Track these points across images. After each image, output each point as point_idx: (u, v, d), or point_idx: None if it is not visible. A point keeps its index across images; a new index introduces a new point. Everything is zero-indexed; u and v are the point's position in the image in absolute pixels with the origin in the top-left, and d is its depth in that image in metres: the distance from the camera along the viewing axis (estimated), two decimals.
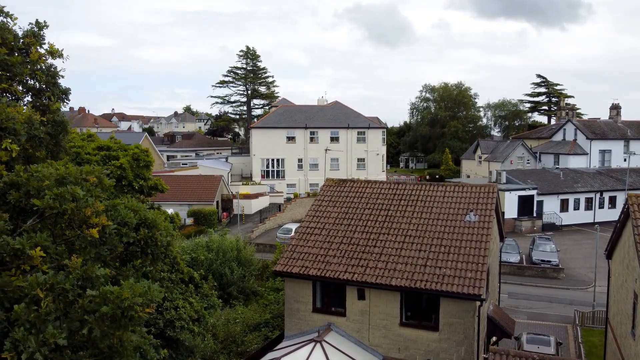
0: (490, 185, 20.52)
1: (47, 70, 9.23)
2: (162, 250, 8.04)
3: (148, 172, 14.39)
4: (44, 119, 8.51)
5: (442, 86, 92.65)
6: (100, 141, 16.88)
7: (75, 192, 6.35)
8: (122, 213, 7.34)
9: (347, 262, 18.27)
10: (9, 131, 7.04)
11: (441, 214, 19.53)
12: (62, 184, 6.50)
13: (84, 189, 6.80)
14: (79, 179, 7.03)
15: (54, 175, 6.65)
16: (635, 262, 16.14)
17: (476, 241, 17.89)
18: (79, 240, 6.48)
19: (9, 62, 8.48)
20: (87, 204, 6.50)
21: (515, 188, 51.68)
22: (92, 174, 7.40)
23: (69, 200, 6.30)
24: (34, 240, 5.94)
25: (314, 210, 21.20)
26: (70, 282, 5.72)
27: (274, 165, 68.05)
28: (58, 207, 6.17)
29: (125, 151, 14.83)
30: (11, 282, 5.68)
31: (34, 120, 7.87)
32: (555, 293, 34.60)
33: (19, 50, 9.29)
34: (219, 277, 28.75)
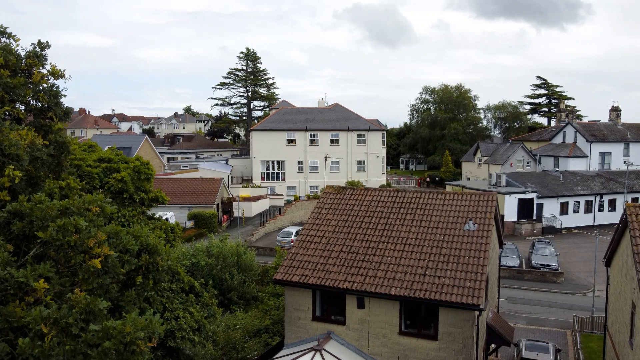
0: (490, 193, 20.60)
1: (49, 91, 9.32)
2: (163, 274, 8.13)
3: (149, 185, 14.46)
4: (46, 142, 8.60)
5: (442, 88, 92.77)
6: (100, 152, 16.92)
7: (78, 224, 6.45)
8: (124, 240, 7.43)
9: (347, 271, 18.34)
10: (12, 157, 7.13)
11: (440, 223, 19.61)
12: (65, 214, 6.59)
13: (87, 219, 6.90)
14: (82, 208, 7.13)
15: (57, 206, 6.75)
16: (633, 271, 16.23)
17: (475, 250, 17.97)
18: (82, 271, 6.58)
19: (11, 84, 8.57)
20: (90, 234, 6.59)
21: (515, 191, 51.78)
22: (94, 203, 7.49)
23: (72, 232, 6.39)
24: (37, 271, 6.03)
25: (313, 218, 21.29)
26: (74, 316, 5.81)
27: (274, 167, 68.15)
28: (61, 238, 6.27)
29: (126, 163, 14.90)
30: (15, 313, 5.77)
31: (37, 145, 7.96)
32: (554, 297, 34.68)
33: (21, 71, 9.38)
34: (220, 283, 28.82)
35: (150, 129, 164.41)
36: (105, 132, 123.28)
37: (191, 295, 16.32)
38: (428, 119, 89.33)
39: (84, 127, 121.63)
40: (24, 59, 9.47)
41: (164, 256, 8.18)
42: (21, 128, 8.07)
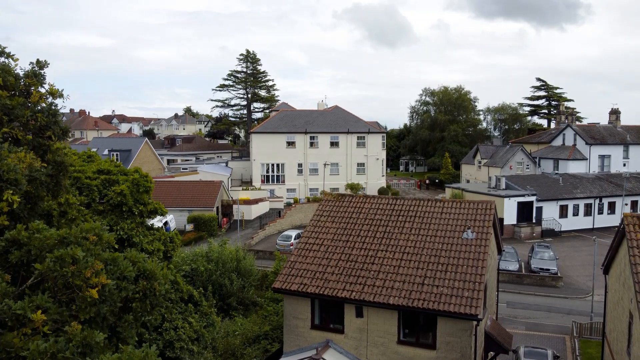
0: (488, 202, 20.66)
1: (47, 110, 9.38)
2: (160, 299, 8.19)
3: (148, 197, 14.53)
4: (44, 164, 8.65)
5: (441, 90, 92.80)
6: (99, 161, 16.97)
7: (76, 254, 6.50)
8: (122, 267, 7.48)
9: (346, 280, 18.41)
10: (11, 182, 7.18)
11: (439, 231, 19.67)
12: (63, 244, 6.64)
13: (84, 248, 6.95)
14: (79, 237, 7.18)
15: (55, 236, 6.80)
16: (630, 281, 16.27)
17: (473, 259, 18.03)
18: (79, 301, 6.63)
19: (9, 106, 8.61)
20: (87, 264, 6.65)
21: (514, 194, 51.80)
22: (92, 231, 7.55)
23: (69, 263, 6.44)
24: (35, 303, 6.08)
25: (312, 226, 21.35)
26: (71, 350, 5.87)
27: (274, 170, 68.21)
28: (59, 269, 6.32)
29: (125, 175, 14.96)
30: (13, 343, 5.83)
31: (35, 167, 8.01)
32: (553, 302, 34.71)
33: (20, 91, 9.43)
34: (219, 288, 28.88)
35: (150, 130, 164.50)
36: (105, 134, 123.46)
37: (190, 305, 16.36)
38: (428, 120, 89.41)
39: (84, 129, 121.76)
40: (22, 78, 9.53)
41: (161, 280, 8.23)
42: (19, 150, 8.13)
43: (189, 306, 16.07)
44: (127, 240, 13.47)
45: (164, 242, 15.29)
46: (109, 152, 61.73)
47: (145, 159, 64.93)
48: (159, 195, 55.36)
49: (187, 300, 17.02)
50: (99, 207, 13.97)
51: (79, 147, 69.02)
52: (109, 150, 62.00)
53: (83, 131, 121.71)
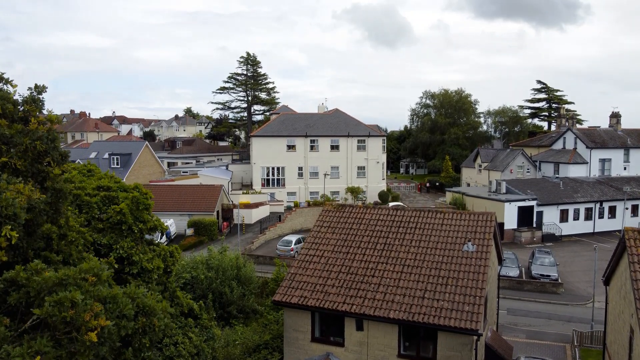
0: (489, 213, 20.62)
1: (46, 136, 9.35)
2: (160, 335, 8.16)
3: (147, 214, 14.51)
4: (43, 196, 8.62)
5: (442, 92, 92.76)
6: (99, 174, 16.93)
7: (74, 298, 6.48)
8: (121, 305, 7.44)
9: (346, 293, 18.38)
10: (9, 217, 7.17)
11: (439, 243, 19.64)
12: (61, 285, 6.62)
13: (83, 290, 6.93)
14: (78, 278, 7.16)
15: (54, 278, 6.78)
16: (631, 296, 16.24)
17: (474, 272, 18.00)
18: (78, 345, 6.61)
19: (8, 135, 8.59)
20: (86, 307, 6.63)
21: (515, 199, 51.78)
22: (91, 271, 7.52)
23: (68, 307, 6.42)
24: (33, 348, 6.06)
25: (313, 237, 21.32)
26: None
27: (274, 173, 68.20)
28: (57, 314, 6.30)
29: (125, 192, 14.92)
30: None
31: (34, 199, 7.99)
32: (554, 309, 34.67)
33: (19, 118, 9.41)
34: (219, 296, 28.85)
35: (150, 131, 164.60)
36: (105, 136, 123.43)
37: (190, 320, 16.33)
38: (428, 123, 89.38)
39: (85, 131, 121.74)
40: (21, 105, 9.51)
41: (160, 315, 8.20)
42: (18, 181, 8.10)
43: (189, 320, 16.04)
44: (127, 258, 13.46)
45: (163, 257, 15.27)
46: (110, 156, 61.73)
47: (145, 162, 64.92)
48: (160, 199, 55.31)
49: (187, 314, 16.99)
50: (98, 225, 13.98)
51: (80, 150, 69.02)
52: (109, 154, 61.99)
53: (83, 133, 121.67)
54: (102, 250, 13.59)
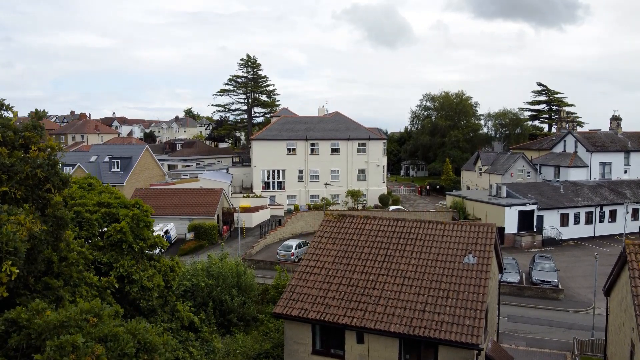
0: (489, 225, 20.61)
1: (47, 163, 9.33)
2: None
3: (148, 232, 14.51)
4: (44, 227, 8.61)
5: (442, 95, 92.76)
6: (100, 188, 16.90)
7: (76, 342, 6.47)
8: (122, 342, 7.41)
9: (346, 305, 18.36)
10: (10, 252, 7.15)
11: (440, 255, 19.62)
12: (63, 327, 6.61)
13: (84, 332, 6.92)
14: (79, 320, 7.15)
15: (54, 321, 6.77)
16: (632, 310, 16.23)
17: (475, 285, 17.98)
18: None
19: (8, 164, 8.58)
20: (87, 351, 6.62)
21: (515, 203, 51.75)
22: (92, 312, 7.51)
23: (70, 351, 6.42)
24: None
25: (313, 248, 21.31)
26: None
27: (274, 176, 68.21)
28: (59, 358, 6.29)
29: (125, 208, 14.90)
30: None
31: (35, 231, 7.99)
32: (554, 315, 34.64)
33: (19, 146, 9.40)
34: (220, 304, 28.84)
35: (151, 132, 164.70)
36: (105, 138, 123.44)
37: (191, 334, 16.33)
38: (429, 126, 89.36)
39: (85, 133, 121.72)
40: (21, 132, 9.49)
41: (162, 350, 8.18)
42: (19, 212, 8.09)
43: (190, 334, 16.04)
44: (127, 277, 13.44)
45: (164, 273, 15.26)
46: (110, 160, 61.72)
47: (145, 165, 64.93)
48: (160, 203, 55.37)
49: (188, 327, 17.00)
50: (99, 243, 13.97)
51: (80, 154, 69.00)
52: (109, 158, 61.98)
53: (83, 135, 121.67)
54: (103, 268, 13.60)
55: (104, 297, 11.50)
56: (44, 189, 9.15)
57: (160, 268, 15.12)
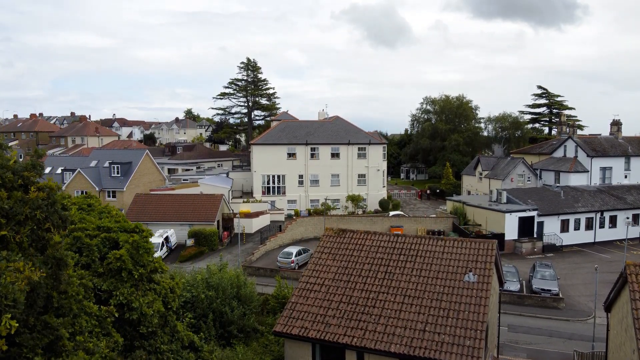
0: (490, 242, 20.58)
1: (46, 204, 9.29)
2: None
3: (148, 257, 14.48)
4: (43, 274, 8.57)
5: (442, 98, 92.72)
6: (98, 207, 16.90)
7: None
8: None
9: (347, 324, 18.34)
10: (9, 305, 7.12)
11: (440, 272, 19.60)
12: None
13: None
14: None
15: None
16: (632, 331, 16.21)
17: (475, 304, 17.96)
18: None
19: (7, 208, 8.55)
20: None
21: (515, 209, 51.73)
22: None
23: None
24: None
25: (313, 264, 21.29)
26: None
27: (274, 181, 68.20)
28: None
29: (125, 232, 14.86)
30: None
31: (34, 280, 7.96)
32: (555, 325, 34.61)
33: (18, 186, 9.38)
34: (220, 316, 28.81)
35: (151, 134, 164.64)
36: (105, 140, 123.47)
37: (191, 355, 16.31)
38: (429, 129, 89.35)
39: (85, 135, 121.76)
40: (20, 172, 9.45)
41: None
42: (18, 259, 8.06)
43: (190, 355, 16.02)
44: (127, 305, 13.42)
45: (164, 296, 15.23)
46: (110, 165, 61.71)
47: (145, 170, 64.89)
48: (160, 209, 55.38)
49: (188, 346, 16.96)
50: (99, 269, 13.95)
51: (80, 159, 68.96)
52: (109, 163, 61.96)
53: (84, 137, 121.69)
54: (103, 296, 13.58)
55: (103, 326, 11.51)
56: (43, 228, 9.16)
57: (160, 291, 15.10)
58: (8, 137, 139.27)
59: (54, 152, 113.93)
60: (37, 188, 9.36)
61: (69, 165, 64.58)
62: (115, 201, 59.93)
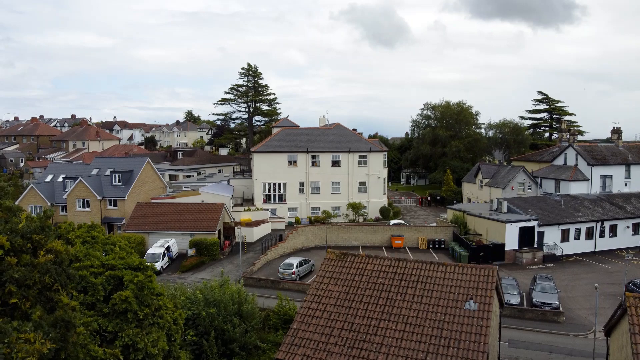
0: (490, 268, 20.70)
1: (54, 266, 9.42)
2: None
3: (153, 297, 14.62)
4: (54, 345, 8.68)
5: (443, 105, 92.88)
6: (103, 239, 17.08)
7: None
8: None
9: (348, 352, 18.46)
10: None
11: (441, 299, 19.71)
12: None
13: None
14: None
15: None
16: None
17: (476, 334, 18.08)
18: None
19: (17, 275, 8.68)
20: None
21: (515, 219, 51.84)
22: None
23: None
24: None
25: (315, 289, 21.42)
26: None
27: (275, 189, 68.35)
28: None
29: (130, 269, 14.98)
30: None
31: (43, 352, 8.10)
32: (555, 340, 34.73)
33: (27, 249, 9.51)
34: (221, 333, 28.98)
35: (152, 137, 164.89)
36: (106, 144, 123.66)
37: None
38: (429, 135, 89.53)
39: (86, 139, 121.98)
40: (29, 235, 9.59)
41: None
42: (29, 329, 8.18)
43: None
44: (132, 345, 13.57)
45: (168, 329, 15.36)
46: (111, 173, 61.85)
47: (146, 179, 65.05)
48: (162, 218, 55.54)
49: None
50: (104, 310, 14.09)
51: (81, 167, 69.12)
52: (111, 172, 62.12)
53: (85, 141, 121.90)
54: (108, 337, 13.72)
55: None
56: (52, 289, 9.28)
57: (163, 325, 15.24)
58: (9, 140, 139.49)
59: (54, 157, 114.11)
60: (46, 250, 9.50)
61: (71, 173, 64.78)
62: (116, 210, 60.12)
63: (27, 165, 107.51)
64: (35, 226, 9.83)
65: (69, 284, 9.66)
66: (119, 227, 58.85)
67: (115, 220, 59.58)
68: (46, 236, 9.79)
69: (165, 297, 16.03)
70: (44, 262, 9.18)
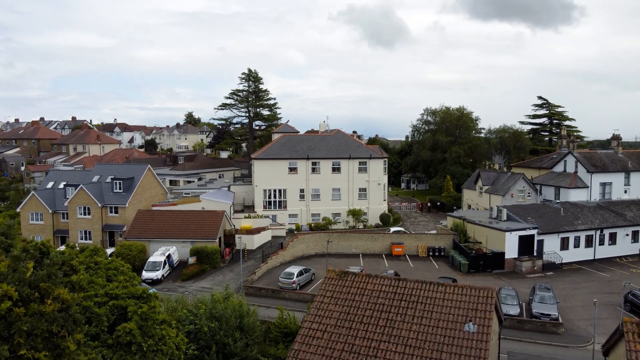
0: (489, 289, 20.89)
1: (62, 314, 9.59)
2: None
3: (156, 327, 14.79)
4: None
5: (443, 110, 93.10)
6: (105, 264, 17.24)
7: None
8: None
9: None
10: None
11: (441, 321, 19.90)
12: None
13: None
14: None
15: None
16: None
17: (475, 357, 18.26)
18: None
19: (25, 327, 8.87)
20: None
21: (515, 228, 52.03)
22: None
23: None
24: None
25: (315, 309, 21.60)
26: None
27: (275, 195, 68.54)
28: None
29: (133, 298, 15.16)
30: None
31: None
32: (554, 352, 34.87)
33: (35, 298, 9.68)
34: (222, 347, 29.16)
35: (152, 139, 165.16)
36: (107, 148, 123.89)
37: None
38: (429, 141, 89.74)
39: (86, 143, 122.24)
40: (37, 283, 9.78)
41: None
42: None
43: None
44: None
45: (171, 355, 15.54)
46: (112, 180, 62.04)
47: (147, 185, 65.24)
48: (162, 225, 55.72)
49: None
50: (108, 341, 14.28)
51: (83, 174, 69.30)
52: (111, 179, 62.32)
53: (85, 145, 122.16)
54: None
55: None
56: (58, 336, 9.46)
57: (167, 352, 15.42)
58: (9, 144, 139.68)
59: (55, 161, 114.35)
60: (53, 298, 9.69)
61: (72, 180, 64.97)
62: (117, 217, 60.30)
63: (27, 169, 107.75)
64: (42, 274, 10.01)
65: (75, 329, 9.86)
66: (119, 235, 59.05)
67: (116, 227, 59.78)
68: (53, 283, 9.98)
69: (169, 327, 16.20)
70: (51, 311, 9.38)
